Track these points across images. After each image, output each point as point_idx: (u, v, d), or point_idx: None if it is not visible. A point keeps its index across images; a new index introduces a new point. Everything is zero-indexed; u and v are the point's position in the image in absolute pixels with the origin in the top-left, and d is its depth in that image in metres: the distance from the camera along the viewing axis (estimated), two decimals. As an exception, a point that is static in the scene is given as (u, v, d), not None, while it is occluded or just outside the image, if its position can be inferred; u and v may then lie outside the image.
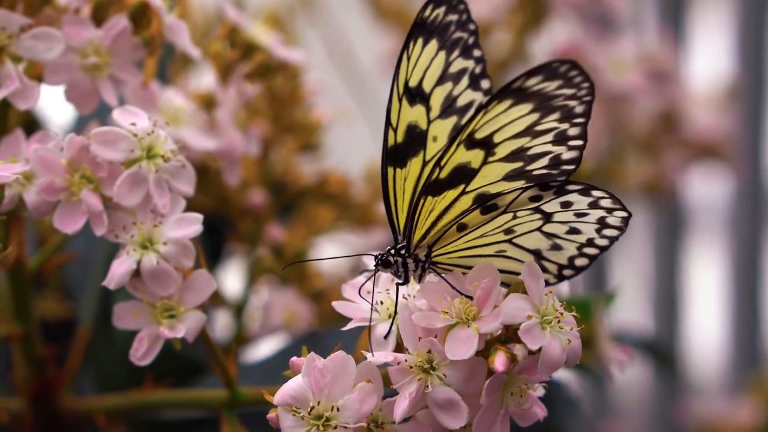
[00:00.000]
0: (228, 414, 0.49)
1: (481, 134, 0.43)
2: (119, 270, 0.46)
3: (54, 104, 0.55)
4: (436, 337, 0.43)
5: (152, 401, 0.52)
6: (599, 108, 0.91)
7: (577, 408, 0.56)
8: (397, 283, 0.45)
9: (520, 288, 0.43)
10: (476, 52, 0.46)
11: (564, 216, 0.44)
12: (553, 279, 0.45)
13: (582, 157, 0.44)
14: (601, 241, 0.45)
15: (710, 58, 1.13)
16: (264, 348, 0.65)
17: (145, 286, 0.46)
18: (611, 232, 0.44)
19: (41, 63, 0.49)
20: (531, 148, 0.43)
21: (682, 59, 1.01)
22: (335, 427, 0.42)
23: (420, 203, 0.45)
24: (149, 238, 0.46)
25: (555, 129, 0.43)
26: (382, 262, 0.45)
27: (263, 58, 0.56)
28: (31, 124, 0.57)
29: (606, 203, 0.44)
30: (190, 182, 0.48)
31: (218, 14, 0.70)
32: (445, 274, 0.44)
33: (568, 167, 0.44)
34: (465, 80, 0.46)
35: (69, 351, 0.55)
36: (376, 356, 0.43)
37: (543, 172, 0.44)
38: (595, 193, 0.44)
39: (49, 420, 0.54)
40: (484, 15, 0.81)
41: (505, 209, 0.44)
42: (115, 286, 0.46)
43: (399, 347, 0.44)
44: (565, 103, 0.43)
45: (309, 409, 0.42)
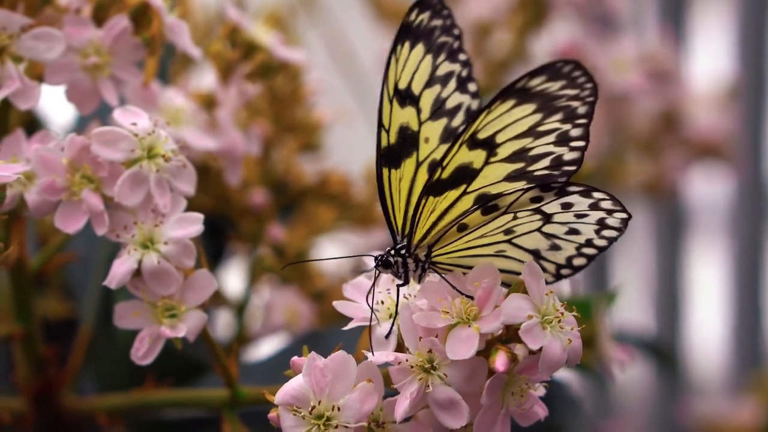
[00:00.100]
0: (229, 413, 0.49)
1: (483, 134, 0.43)
2: (120, 269, 0.46)
3: (55, 104, 0.55)
4: (437, 336, 0.43)
5: (153, 401, 0.52)
6: (600, 108, 0.91)
7: (578, 408, 0.56)
8: (398, 285, 0.45)
9: (520, 288, 0.43)
10: (462, 56, 0.47)
11: (564, 217, 0.44)
12: (551, 278, 0.45)
13: (584, 158, 0.44)
14: (600, 242, 0.45)
15: (711, 57, 1.13)
16: (265, 348, 0.65)
17: (146, 285, 0.46)
18: (610, 233, 0.45)
19: (42, 63, 0.49)
20: (533, 148, 0.44)
21: (683, 59, 1.01)
22: (336, 426, 0.42)
23: (421, 203, 0.45)
24: (150, 237, 0.46)
25: (557, 130, 0.43)
26: (383, 262, 0.45)
27: (264, 58, 0.56)
28: (32, 124, 0.57)
29: (606, 205, 0.44)
30: (191, 182, 0.48)
31: (219, 14, 0.70)
32: (445, 274, 0.45)
33: (570, 168, 0.44)
34: (452, 83, 0.46)
35: (70, 350, 0.55)
36: (376, 356, 0.43)
37: (544, 173, 0.44)
38: (595, 194, 0.44)
39: (50, 419, 0.54)
40: (485, 15, 0.82)
41: (506, 210, 0.44)
42: (116, 285, 0.46)
43: (400, 347, 0.44)
44: (568, 103, 0.43)
45: (310, 409, 0.42)
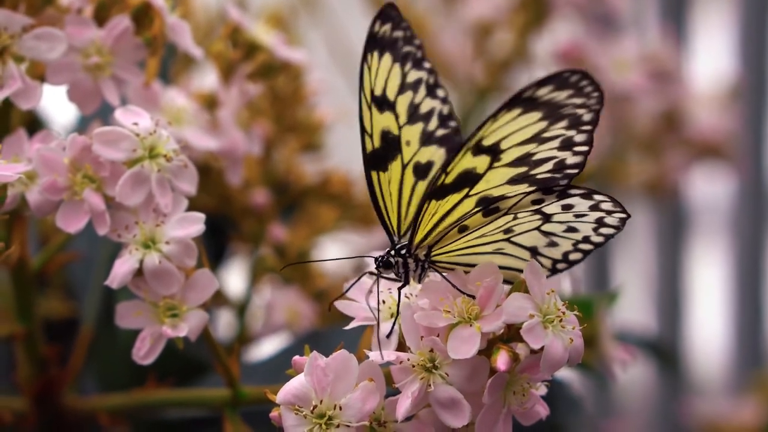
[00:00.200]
0: (231, 413, 0.49)
1: (488, 141, 0.44)
2: (122, 269, 0.46)
3: (56, 104, 0.55)
4: (438, 336, 0.43)
5: (155, 400, 0.52)
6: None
7: (579, 407, 0.56)
8: (399, 287, 0.45)
9: (522, 287, 0.43)
10: (426, 64, 0.48)
11: (564, 217, 0.45)
12: (546, 272, 0.45)
13: (586, 161, 0.44)
14: (597, 239, 0.45)
15: (712, 57, 1.13)
16: (266, 347, 0.65)
17: (147, 285, 0.46)
18: (608, 231, 0.45)
19: (43, 63, 0.49)
20: (537, 153, 0.44)
21: (684, 59, 1.01)
22: (338, 425, 0.42)
23: (424, 207, 0.45)
24: (152, 237, 0.46)
25: (562, 136, 0.44)
26: (383, 263, 0.45)
27: (265, 58, 0.56)
28: (33, 124, 0.57)
29: (607, 206, 0.45)
30: (193, 182, 0.48)
31: (220, 14, 0.70)
32: (445, 273, 0.45)
33: (572, 171, 0.44)
34: (423, 89, 0.48)
35: (72, 350, 0.55)
36: (378, 355, 0.43)
37: (547, 176, 0.44)
38: (596, 197, 0.44)
39: (52, 419, 0.54)
40: (486, 14, 0.82)
41: (507, 211, 0.44)
42: (117, 285, 0.46)
43: (401, 346, 0.44)
44: (574, 111, 0.43)
45: (311, 408, 0.42)
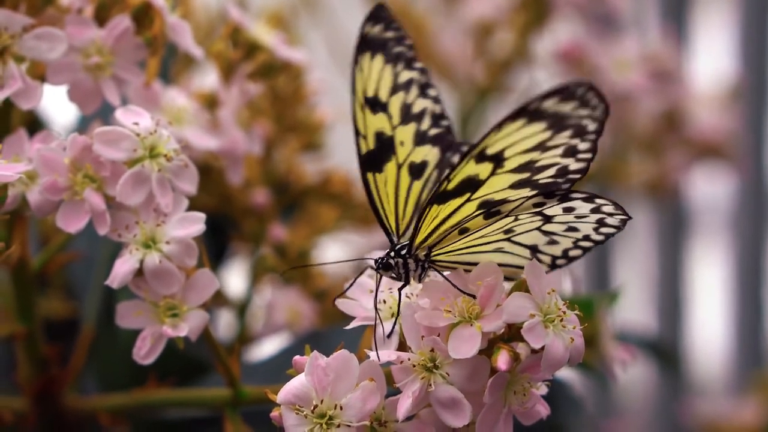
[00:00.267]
0: (231, 413, 0.49)
1: (492, 150, 0.44)
2: (122, 269, 0.46)
3: (56, 104, 0.55)
4: (439, 335, 0.43)
5: (155, 400, 0.52)
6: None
7: (580, 407, 0.56)
8: (399, 287, 0.45)
9: (522, 287, 0.43)
10: (417, 64, 0.49)
11: (565, 218, 0.45)
12: (546, 268, 0.45)
13: (589, 167, 0.44)
14: (598, 237, 0.45)
15: (713, 57, 1.13)
16: (267, 347, 0.65)
17: (148, 285, 0.46)
18: (608, 230, 0.45)
19: (44, 63, 0.49)
20: (540, 160, 0.44)
21: (685, 59, 1.01)
22: (338, 425, 0.42)
23: (425, 212, 0.45)
24: (152, 237, 0.46)
25: (566, 144, 0.44)
26: (383, 265, 0.45)
27: (266, 58, 0.56)
28: (34, 124, 0.57)
29: (608, 209, 0.45)
30: (193, 181, 0.48)
31: (221, 14, 0.70)
32: (445, 272, 0.44)
33: (575, 176, 0.44)
34: (414, 89, 0.49)
35: (72, 350, 0.55)
36: (379, 355, 0.43)
37: (549, 181, 0.44)
38: (598, 200, 0.44)
39: (52, 419, 0.54)
40: (487, 14, 0.82)
41: (508, 214, 0.44)
42: (118, 285, 0.46)
43: (402, 346, 0.44)
44: (579, 121, 0.43)
45: (312, 408, 0.42)
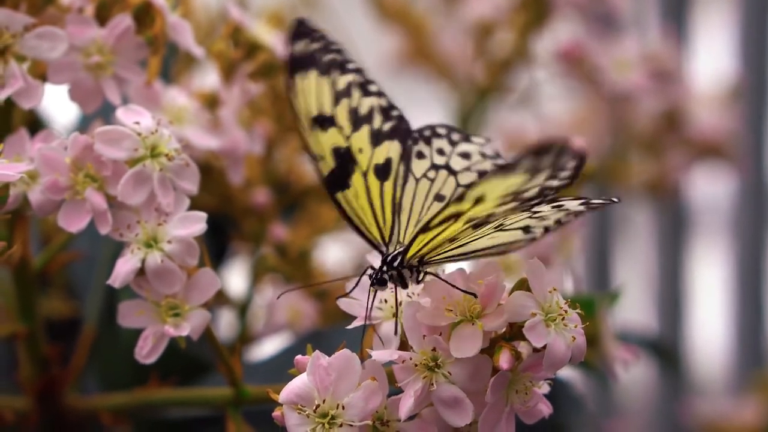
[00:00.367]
0: (233, 412, 0.49)
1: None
2: (124, 268, 0.46)
3: (57, 104, 0.55)
4: (440, 334, 0.43)
5: (157, 399, 0.52)
6: (602, 107, 0.91)
7: (581, 406, 0.56)
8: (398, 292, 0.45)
9: (524, 285, 0.43)
10: (351, 65, 0.48)
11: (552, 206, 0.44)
12: (540, 235, 0.45)
13: (577, 177, 0.44)
14: (584, 208, 0.44)
15: (713, 57, 1.13)
16: (268, 347, 0.65)
17: (149, 284, 0.46)
18: (595, 205, 0.44)
19: (45, 62, 0.49)
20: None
21: (685, 59, 1.01)
22: (340, 425, 0.42)
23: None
24: (154, 236, 0.46)
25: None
26: (378, 281, 0.45)
27: (267, 58, 0.56)
28: (34, 124, 0.57)
29: (594, 204, 0.44)
30: (194, 181, 0.48)
31: (221, 13, 0.70)
32: (447, 273, 0.44)
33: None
34: (356, 91, 0.48)
35: (74, 350, 0.55)
36: (380, 354, 0.43)
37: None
38: (585, 197, 0.44)
39: (54, 418, 0.54)
40: (487, 14, 0.81)
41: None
42: (119, 284, 0.46)
43: (403, 345, 0.44)
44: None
45: (314, 407, 0.42)
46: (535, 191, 0.42)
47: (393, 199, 0.47)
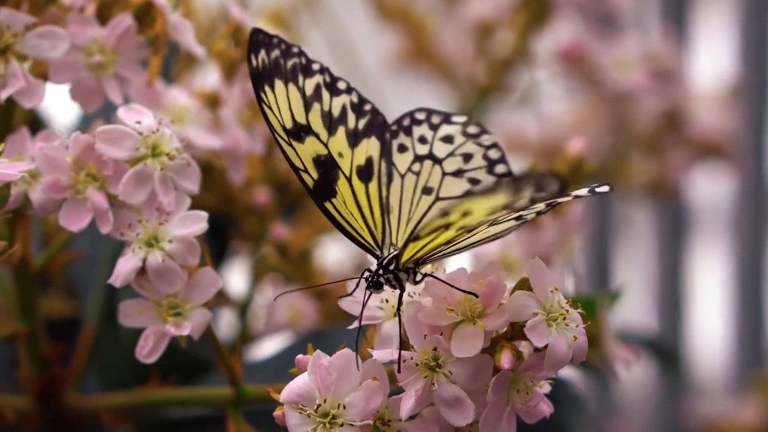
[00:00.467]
0: (234, 412, 0.49)
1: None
2: (125, 268, 0.46)
3: (57, 103, 0.55)
4: (441, 334, 0.43)
5: (158, 399, 0.52)
6: (603, 107, 0.91)
7: (582, 406, 0.56)
8: (398, 295, 0.45)
9: (525, 285, 0.43)
10: (315, 66, 0.47)
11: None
12: (530, 219, 0.45)
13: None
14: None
15: (713, 57, 1.13)
16: (268, 346, 0.65)
17: (150, 283, 0.46)
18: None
19: (46, 61, 0.49)
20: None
21: (686, 58, 1.01)
22: (342, 424, 0.42)
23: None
24: (155, 235, 0.46)
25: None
26: (374, 284, 0.45)
27: (268, 57, 0.56)
28: (35, 123, 0.57)
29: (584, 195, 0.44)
30: (195, 180, 0.48)
31: (222, 13, 0.70)
32: (448, 272, 0.44)
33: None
34: (324, 93, 0.47)
35: (74, 349, 0.55)
36: (381, 354, 0.43)
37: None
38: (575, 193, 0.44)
39: (54, 418, 0.54)
40: (487, 14, 0.81)
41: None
42: (120, 283, 0.46)
43: (404, 345, 0.44)
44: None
45: (315, 407, 0.42)
46: (524, 203, 0.42)
47: (380, 200, 0.47)
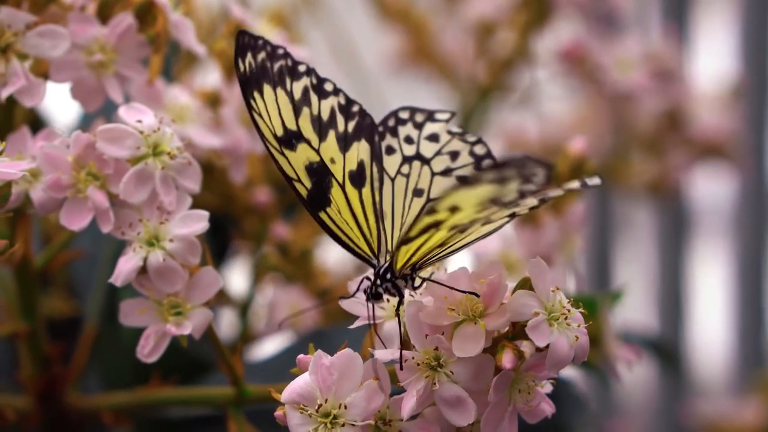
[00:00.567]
0: (235, 412, 0.49)
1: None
2: (126, 267, 0.45)
3: (58, 102, 0.55)
4: (443, 334, 0.43)
5: (159, 399, 0.52)
6: (604, 107, 0.91)
7: (584, 406, 0.56)
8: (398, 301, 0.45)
9: (526, 284, 0.43)
10: (301, 68, 0.46)
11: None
12: (524, 213, 0.44)
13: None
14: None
15: (714, 57, 1.13)
16: (269, 346, 0.65)
17: (151, 283, 0.46)
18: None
19: (47, 60, 0.48)
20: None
21: (687, 58, 1.01)
22: (343, 424, 0.42)
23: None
24: (155, 235, 0.46)
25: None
26: (373, 295, 0.44)
27: (268, 56, 0.56)
28: (36, 122, 0.57)
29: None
30: (196, 179, 0.48)
31: (223, 12, 0.70)
32: (449, 272, 0.44)
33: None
34: (313, 96, 0.46)
35: (75, 348, 0.55)
36: (383, 353, 0.43)
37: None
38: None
39: (55, 417, 0.53)
40: (488, 14, 0.81)
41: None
42: (121, 283, 0.45)
43: (405, 344, 0.44)
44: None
45: (316, 407, 0.42)
46: (513, 195, 0.41)
47: (374, 206, 0.46)
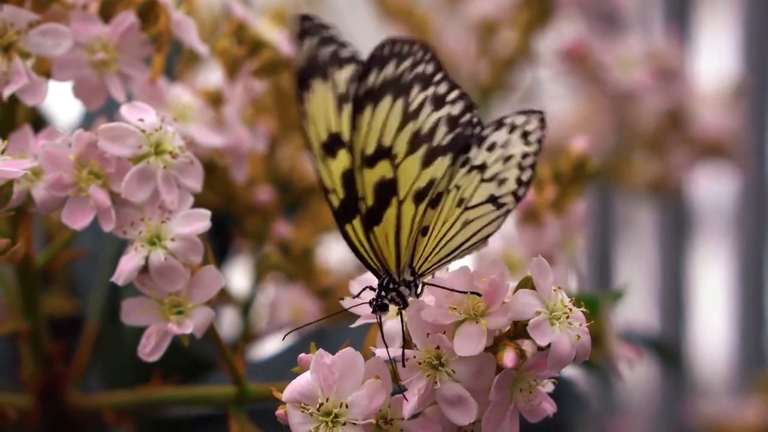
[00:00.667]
0: (236, 411, 0.49)
1: (371, 149, 0.42)
2: (127, 266, 0.45)
3: (60, 101, 0.55)
4: (444, 333, 0.43)
5: (160, 398, 0.52)
6: (605, 106, 0.91)
7: (585, 405, 0.56)
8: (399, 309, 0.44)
9: (528, 283, 0.43)
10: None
11: (494, 155, 0.43)
12: (512, 205, 0.44)
13: (470, 97, 0.43)
14: (531, 148, 0.43)
15: (716, 56, 1.13)
16: (271, 345, 0.65)
17: (153, 282, 0.46)
18: (535, 136, 0.43)
19: (49, 59, 0.48)
20: (421, 127, 0.43)
21: (689, 57, 1.01)
22: (344, 423, 0.42)
23: (372, 240, 0.43)
24: (157, 234, 0.46)
25: (425, 98, 0.42)
26: (380, 307, 0.44)
27: (270, 55, 0.56)
28: (38, 121, 0.57)
29: (519, 120, 0.44)
30: (198, 178, 0.48)
31: (225, 11, 0.70)
32: (449, 272, 0.44)
33: (465, 118, 0.43)
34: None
35: (76, 347, 0.55)
36: (384, 352, 0.43)
37: (450, 138, 0.43)
38: (506, 120, 0.43)
39: (56, 416, 0.53)
40: (490, 13, 0.81)
41: (448, 189, 0.43)
42: (123, 282, 0.45)
43: (407, 343, 0.44)
44: (414, 73, 0.42)
45: (318, 406, 0.42)
46: (429, 111, 0.42)
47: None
